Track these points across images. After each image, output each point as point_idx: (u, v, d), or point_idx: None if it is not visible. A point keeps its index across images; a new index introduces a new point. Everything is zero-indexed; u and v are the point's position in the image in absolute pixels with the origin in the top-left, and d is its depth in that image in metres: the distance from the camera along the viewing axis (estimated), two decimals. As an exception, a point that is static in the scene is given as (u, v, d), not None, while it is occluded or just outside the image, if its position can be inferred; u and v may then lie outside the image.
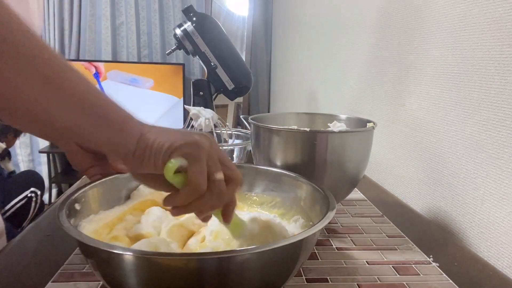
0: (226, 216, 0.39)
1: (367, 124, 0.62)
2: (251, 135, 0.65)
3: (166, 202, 0.36)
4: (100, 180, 0.47)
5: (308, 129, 0.56)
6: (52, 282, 0.45)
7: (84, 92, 0.34)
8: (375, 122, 0.62)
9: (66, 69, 0.33)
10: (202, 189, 0.34)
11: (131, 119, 0.36)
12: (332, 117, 0.72)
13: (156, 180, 0.36)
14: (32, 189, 1.88)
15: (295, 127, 0.58)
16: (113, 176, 0.48)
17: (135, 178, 0.38)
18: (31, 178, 1.98)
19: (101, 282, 0.45)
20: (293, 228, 0.49)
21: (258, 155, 0.63)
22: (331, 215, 0.39)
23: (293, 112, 0.77)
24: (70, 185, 2.62)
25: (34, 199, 1.86)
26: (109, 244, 0.33)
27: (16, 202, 1.83)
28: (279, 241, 0.33)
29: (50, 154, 2.67)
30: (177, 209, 0.36)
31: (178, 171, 0.34)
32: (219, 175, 0.35)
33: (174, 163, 0.33)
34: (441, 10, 0.69)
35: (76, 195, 0.43)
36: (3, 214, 1.79)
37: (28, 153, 2.76)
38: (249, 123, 0.65)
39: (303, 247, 0.36)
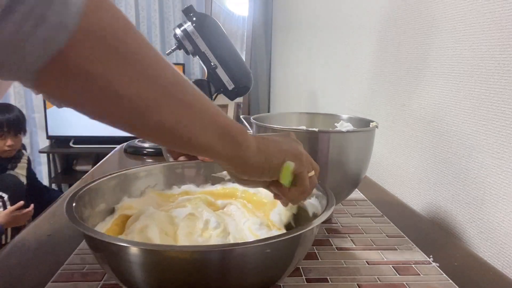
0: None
1: (370, 124, 0.62)
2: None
3: (279, 197, 0.45)
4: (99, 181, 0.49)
5: (317, 129, 0.56)
6: (52, 282, 0.45)
7: (214, 114, 0.35)
8: (377, 122, 0.62)
9: (194, 90, 0.34)
10: (308, 190, 0.43)
11: (246, 132, 0.38)
12: (333, 117, 0.72)
13: (258, 182, 0.43)
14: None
15: (304, 127, 0.58)
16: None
17: (237, 180, 0.43)
18: (2, 181, 1.93)
19: (101, 282, 0.45)
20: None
21: None
22: (328, 212, 0.40)
23: (294, 112, 0.77)
24: (70, 185, 2.62)
25: (0, 203, 1.82)
26: (117, 238, 0.35)
27: None
28: (278, 235, 0.35)
29: (50, 154, 2.67)
30: (284, 200, 0.45)
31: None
32: (312, 173, 0.44)
33: (289, 165, 0.41)
34: (441, 10, 0.69)
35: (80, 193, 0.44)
36: None
37: (28, 153, 2.76)
38: (251, 123, 0.66)
39: (300, 241, 0.38)
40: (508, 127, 0.54)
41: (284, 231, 0.49)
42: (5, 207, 1.79)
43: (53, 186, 2.75)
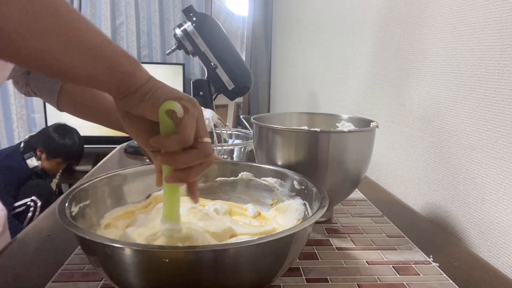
0: (193, 193, 0.42)
1: (371, 124, 0.62)
2: (254, 135, 0.65)
3: (154, 140, 0.37)
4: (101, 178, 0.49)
5: (318, 129, 0.56)
6: (52, 282, 0.45)
7: (97, 43, 0.35)
8: (377, 122, 0.62)
9: (78, 20, 0.34)
10: (189, 139, 0.37)
11: (140, 66, 0.38)
12: (333, 117, 0.72)
13: (140, 125, 0.39)
14: (33, 197, 1.87)
15: (306, 127, 0.58)
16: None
17: (123, 120, 0.40)
18: (38, 187, 1.98)
19: (101, 282, 0.45)
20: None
21: (261, 155, 0.63)
22: (322, 211, 0.41)
23: (294, 112, 0.77)
24: (70, 185, 2.62)
25: (31, 208, 1.85)
26: (108, 238, 0.34)
27: (17, 205, 1.83)
28: (272, 235, 0.35)
29: (50, 154, 2.66)
30: (165, 156, 0.38)
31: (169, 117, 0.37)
32: (207, 139, 0.39)
33: (172, 103, 0.36)
34: (441, 10, 0.69)
35: (76, 191, 0.45)
36: (10, 211, 1.80)
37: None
38: (251, 124, 0.66)
39: (293, 241, 0.38)
40: (508, 127, 0.54)
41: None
42: (34, 213, 1.83)
43: (53, 186, 2.75)
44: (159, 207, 0.51)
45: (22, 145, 2.06)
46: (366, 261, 0.51)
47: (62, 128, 2.16)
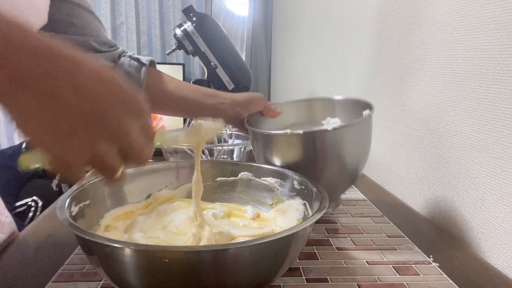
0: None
1: (363, 113, 0.61)
2: (250, 137, 0.65)
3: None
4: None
5: (301, 131, 0.54)
6: (52, 282, 0.45)
7: None
8: (373, 105, 0.60)
9: None
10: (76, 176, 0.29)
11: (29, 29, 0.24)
12: (329, 101, 0.72)
13: None
14: (34, 197, 1.89)
15: (289, 131, 0.56)
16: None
17: None
18: (40, 187, 2.00)
19: (101, 282, 0.45)
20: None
21: (258, 155, 0.63)
22: (321, 212, 0.41)
23: (291, 101, 0.77)
24: (70, 186, 2.62)
25: (32, 208, 1.87)
26: (107, 238, 0.34)
27: (18, 205, 1.85)
28: (272, 235, 0.36)
29: (50, 154, 2.67)
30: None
31: None
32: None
33: (28, 157, 0.28)
34: (441, 10, 0.69)
35: (76, 191, 0.45)
36: (11, 211, 1.81)
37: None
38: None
39: (293, 241, 0.38)
40: (508, 127, 0.54)
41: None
42: (35, 213, 1.85)
43: (53, 186, 2.75)
44: (160, 209, 0.51)
45: (24, 145, 2.07)
46: (366, 261, 0.51)
47: None
